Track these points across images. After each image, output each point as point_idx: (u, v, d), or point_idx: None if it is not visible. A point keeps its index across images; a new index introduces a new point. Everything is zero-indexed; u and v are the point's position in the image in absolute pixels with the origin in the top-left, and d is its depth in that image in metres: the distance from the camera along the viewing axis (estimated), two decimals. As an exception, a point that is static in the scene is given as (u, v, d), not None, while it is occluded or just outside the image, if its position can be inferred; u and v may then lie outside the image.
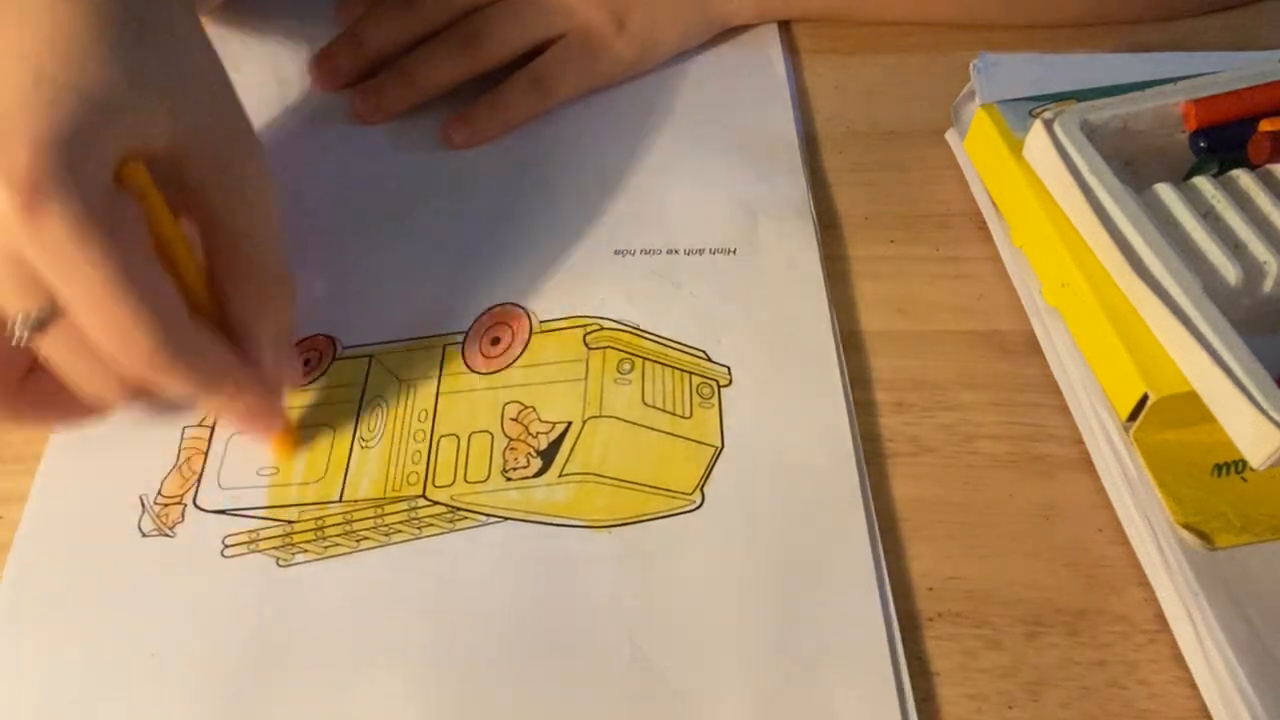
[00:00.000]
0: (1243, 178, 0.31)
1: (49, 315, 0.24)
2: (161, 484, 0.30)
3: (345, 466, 0.30)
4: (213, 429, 0.31)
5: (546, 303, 0.34)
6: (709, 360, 0.33)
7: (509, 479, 0.30)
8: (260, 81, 0.43)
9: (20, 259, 0.23)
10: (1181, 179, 0.32)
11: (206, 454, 0.31)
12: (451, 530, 0.29)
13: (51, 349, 0.25)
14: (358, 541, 0.29)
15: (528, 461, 0.30)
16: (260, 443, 0.31)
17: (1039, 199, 0.32)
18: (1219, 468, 0.28)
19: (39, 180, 0.22)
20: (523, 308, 0.34)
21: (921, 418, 0.31)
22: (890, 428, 0.31)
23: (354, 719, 0.26)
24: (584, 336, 0.33)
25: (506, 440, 0.31)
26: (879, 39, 0.44)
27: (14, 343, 0.24)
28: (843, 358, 0.32)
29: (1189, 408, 0.27)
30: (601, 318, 0.34)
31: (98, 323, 0.23)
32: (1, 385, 0.26)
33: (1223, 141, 0.33)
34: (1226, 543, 0.27)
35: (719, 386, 0.32)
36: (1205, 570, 0.26)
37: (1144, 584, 0.27)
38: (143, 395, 0.27)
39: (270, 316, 0.28)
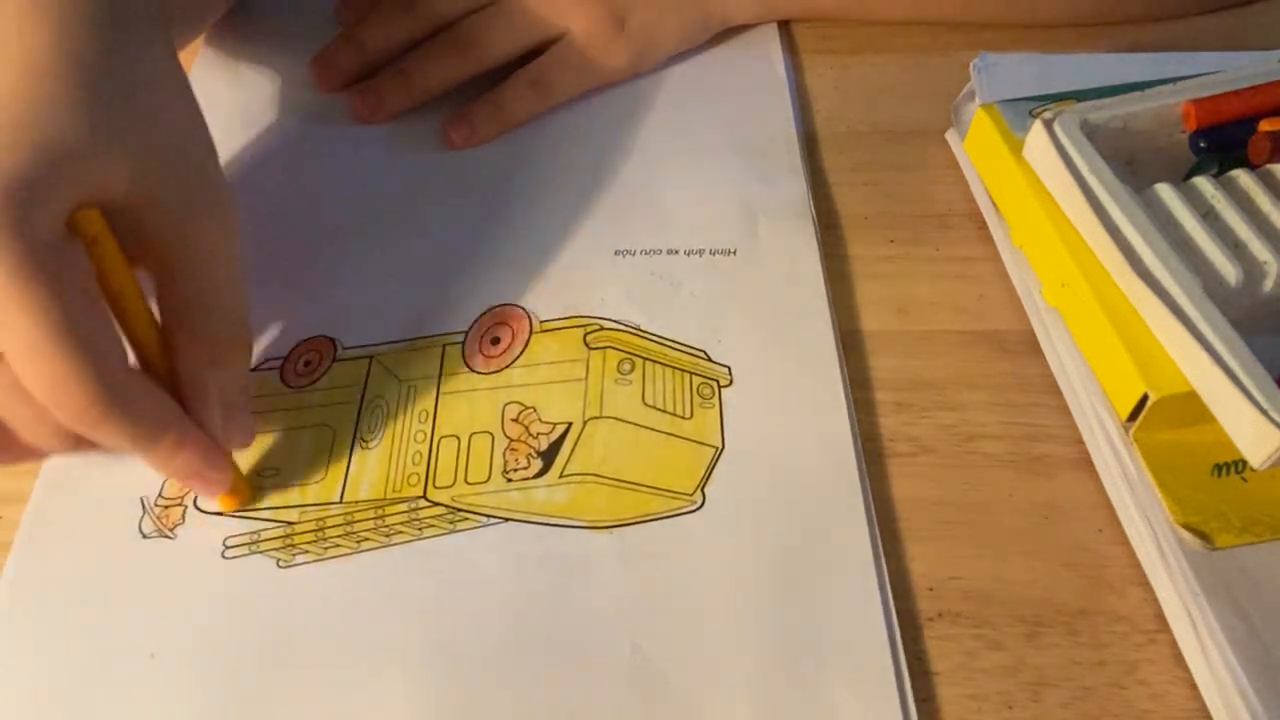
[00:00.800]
0: (1243, 178, 0.31)
1: None
2: (162, 486, 0.30)
3: (346, 467, 0.30)
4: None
5: (547, 303, 0.34)
6: (709, 360, 0.33)
7: (510, 480, 0.30)
8: (260, 82, 0.43)
9: None
10: (1181, 179, 0.32)
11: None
12: (452, 531, 0.29)
13: None
14: (358, 542, 0.29)
15: (528, 462, 0.30)
16: (206, 496, 0.30)
17: (1039, 199, 0.33)
18: (1219, 468, 0.28)
19: None
20: (523, 308, 0.34)
21: (921, 418, 0.31)
22: (890, 428, 0.31)
23: (354, 719, 0.26)
24: (584, 337, 0.33)
25: (507, 441, 0.31)
26: (879, 39, 0.44)
27: None
28: (843, 358, 0.32)
29: (1189, 408, 0.27)
30: (602, 318, 0.34)
31: (32, 374, 0.23)
32: None
33: (1223, 141, 0.33)
34: (1226, 543, 0.27)
35: (719, 387, 0.32)
36: (1205, 570, 0.26)
37: (1144, 584, 0.28)
38: (83, 446, 0.26)
39: (219, 374, 0.27)
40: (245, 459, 0.31)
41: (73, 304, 0.23)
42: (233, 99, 0.42)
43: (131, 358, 0.27)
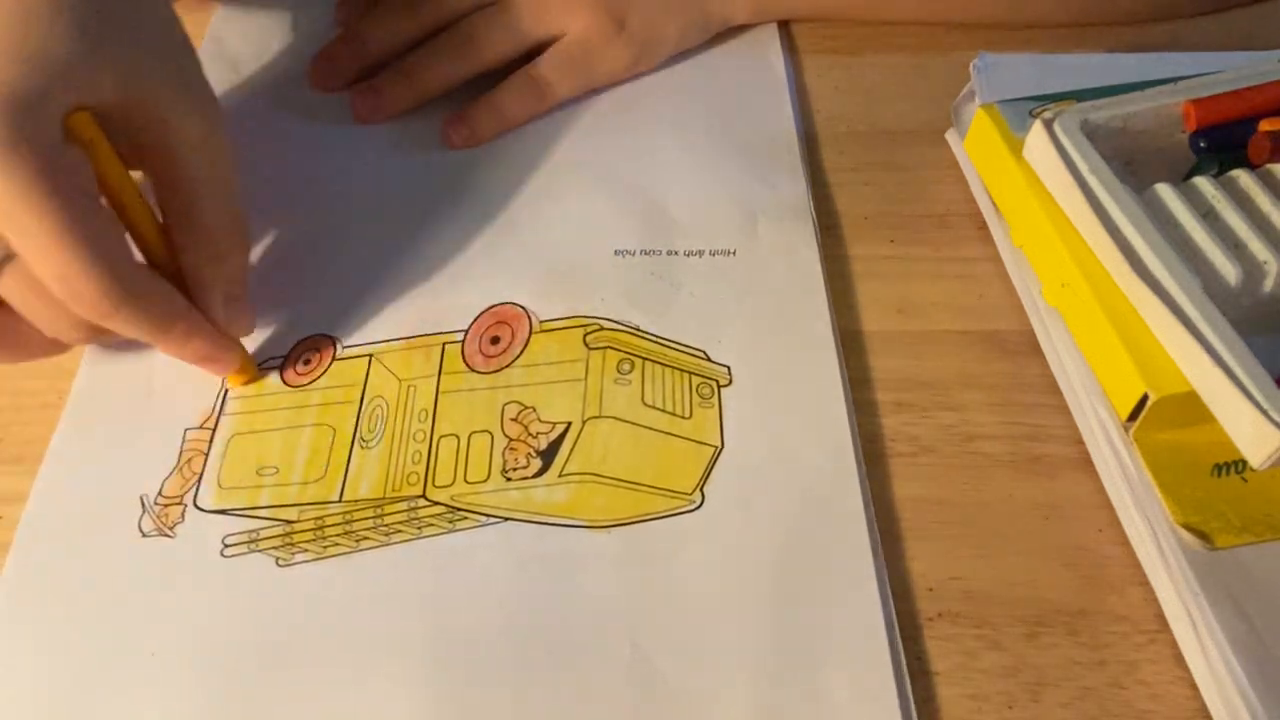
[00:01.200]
0: (1243, 178, 0.31)
1: (2, 260, 0.26)
2: (162, 484, 0.30)
3: (345, 466, 0.30)
4: (213, 430, 0.31)
5: (546, 302, 0.34)
6: (709, 360, 0.33)
7: (509, 479, 0.30)
8: (260, 81, 0.43)
9: None
10: (1181, 179, 0.32)
11: (207, 455, 0.31)
12: (451, 530, 0.29)
13: (9, 291, 0.27)
14: (358, 541, 0.29)
15: (528, 461, 0.30)
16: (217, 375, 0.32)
17: (1039, 199, 0.32)
18: (1219, 468, 0.28)
19: None
20: (523, 307, 0.34)
21: (921, 418, 0.31)
22: (890, 428, 0.31)
23: (354, 718, 0.26)
24: (584, 336, 0.33)
25: (506, 440, 0.31)
26: (879, 39, 0.44)
27: None
28: (843, 358, 0.32)
29: (1189, 408, 0.27)
30: (601, 318, 0.34)
31: (46, 270, 0.25)
32: None
33: (1223, 141, 0.33)
34: (1226, 543, 0.27)
35: (719, 386, 0.32)
36: (1205, 570, 0.26)
37: (1144, 584, 0.27)
38: (100, 335, 0.28)
39: (220, 267, 0.30)
40: (245, 458, 0.31)
41: (78, 203, 0.25)
42: (232, 98, 0.42)
43: (137, 255, 0.29)
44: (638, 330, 0.33)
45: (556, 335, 0.33)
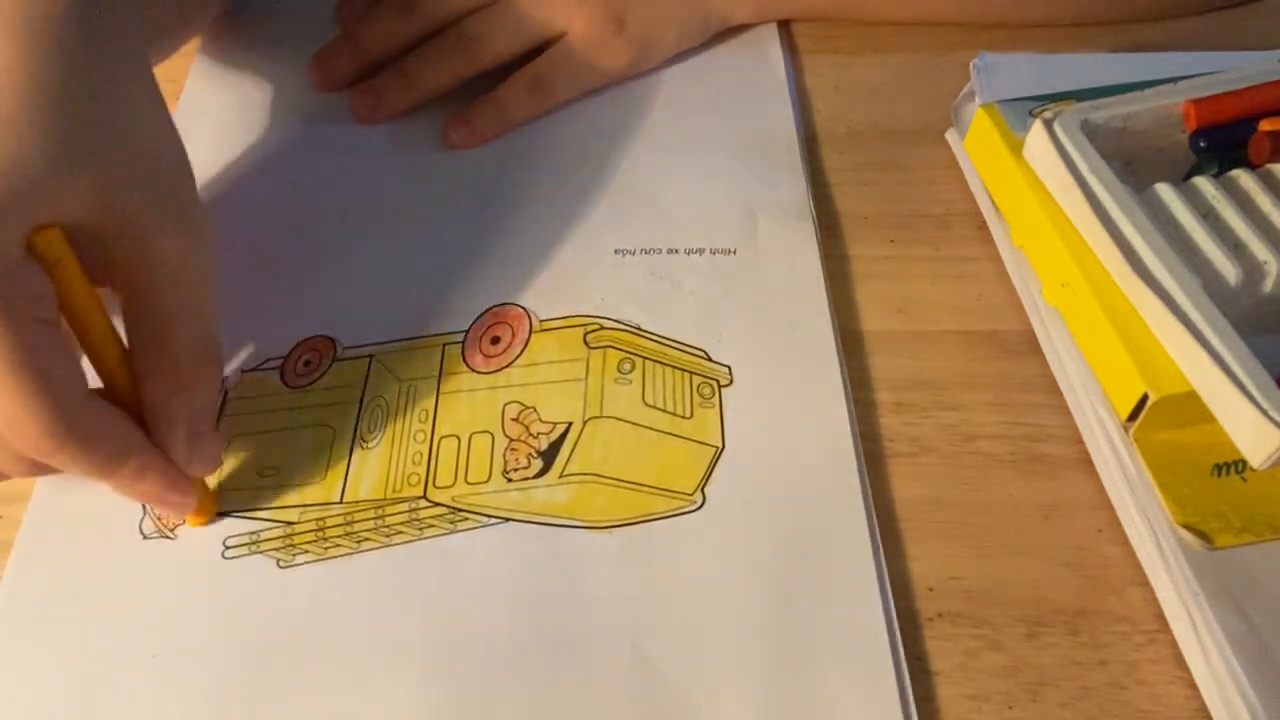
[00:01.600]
0: (1243, 178, 0.31)
1: None
2: (162, 485, 0.30)
3: (346, 467, 0.30)
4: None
5: (547, 302, 0.34)
6: (709, 360, 0.33)
7: (510, 480, 0.30)
8: (260, 82, 0.43)
9: None
10: (1181, 179, 0.32)
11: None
12: (452, 531, 0.29)
13: None
14: (358, 542, 0.29)
15: (528, 462, 0.30)
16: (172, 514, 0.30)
17: (1039, 199, 0.33)
18: (1219, 468, 0.28)
19: None
20: (523, 307, 0.34)
21: (921, 418, 0.31)
22: (890, 428, 0.31)
23: (355, 719, 0.26)
24: (584, 336, 0.33)
25: (507, 441, 0.31)
26: (879, 39, 0.44)
27: None
28: (843, 358, 0.32)
29: (1189, 408, 0.27)
30: (602, 317, 0.34)
31: None
32: None
33: (1223, 141, 0.33)
34: (1226, 543, 0.27)
35: (719, 386, 0.32)
36: (1205, 570, 0.26)
37: (1144, 584, 0.28)
38: (44, 469, 0.26)
39: (187, 400, 0.27)
40: (246, 459, 0.31)
41: (28, 333, 0.23)
42: (232, 99, 0.42)
43: (96, 381, 0.26)
44: (638, 330, 0.33)
45: (557, 335, 0.33)
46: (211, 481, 0.30)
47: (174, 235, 0.26)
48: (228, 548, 0.29)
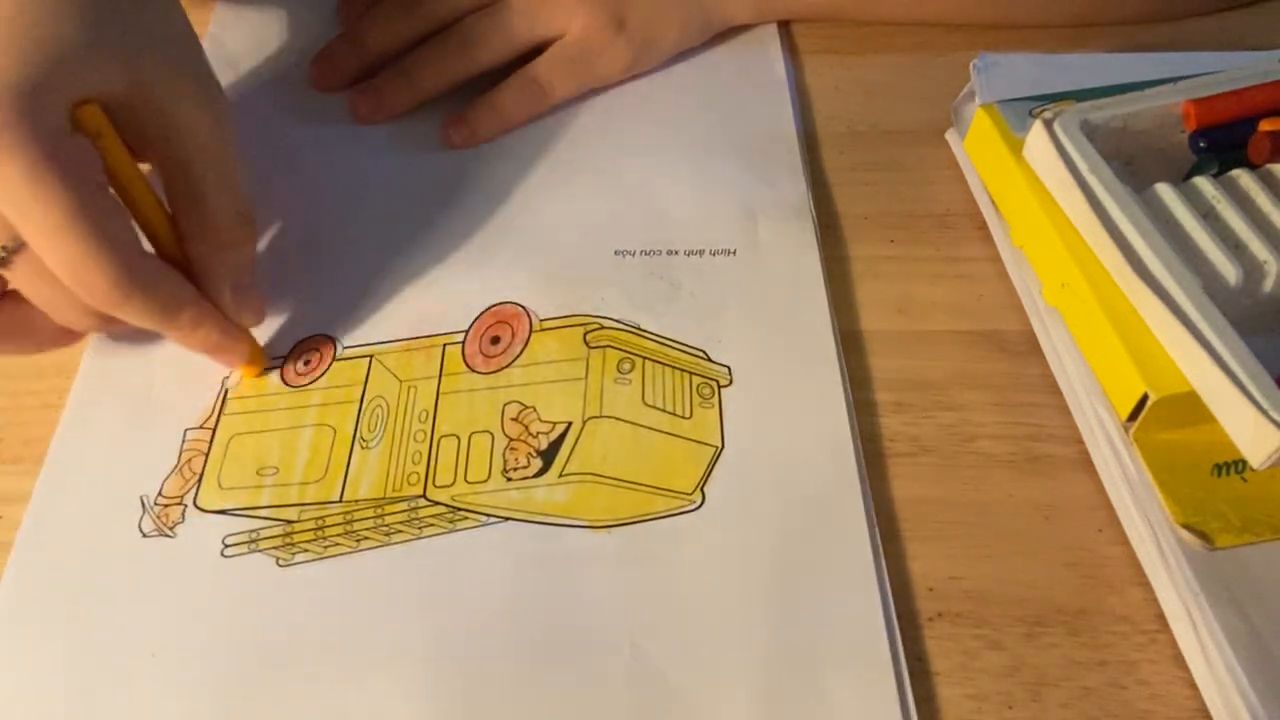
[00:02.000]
0: (1243, 178, 0.31)
1: (13, 250, 0.26)
2: (162, 485, 0.30)
3: (345, 466, 0.30)
4: (214, 430, 0.31)
5: (546, 302, 0.34)
6: (709, 360, 0.33)
7: (509, 479, 0.30)
8: (260, 81, 0.43)
9: None
10: (1181, 179, 0.32)
11: (207, 455, 0.31)
12: (452, 530, 0.29)
13: (18, 280, 0.27)
14: (358, 541, 0.29)
15: (528, 461, 0.30)
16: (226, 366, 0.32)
17: (1039, 199, 0.33)
18: (1219, 468, 0.28)
19: None
20: (523, 307, 0.34)
21: (921, 418, 0.31)
22: (890, 428, 0.31)
23: (354, 718, 0.26)
24: (584, 336, 0.33)
25: (507, 440, 0.31)
26: (879, 39, 0.44)
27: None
28: (843, 358, 0.32)
29: (1189, 408, 0.27)
30: (602, 317, 0.34)
31: (56, 259, 0.25)
32: None
33: (1223, 141, 0.33)
34: (1226, 543, 0.27)
35: (719, 386, 0.32)
36: (1205, 570, 0.26)
37: (1144, 584, 0.28)
38: (110, 324, 0.28)
39: (228, 256, 0.30)
40: (245, 459, 0.31)
41: (86, 192, 0.25)
42: (232, 98, 0.42)
43: (146, 245, 0.29)
44: (638, 330, 0.33)
45: (557, 335, 0.33)
46: (259, 338, 0.33)
47: (199, 106, 0.29)
48: (227, 546, 0.29)
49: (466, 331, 0.34)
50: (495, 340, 0.33)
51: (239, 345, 0.31)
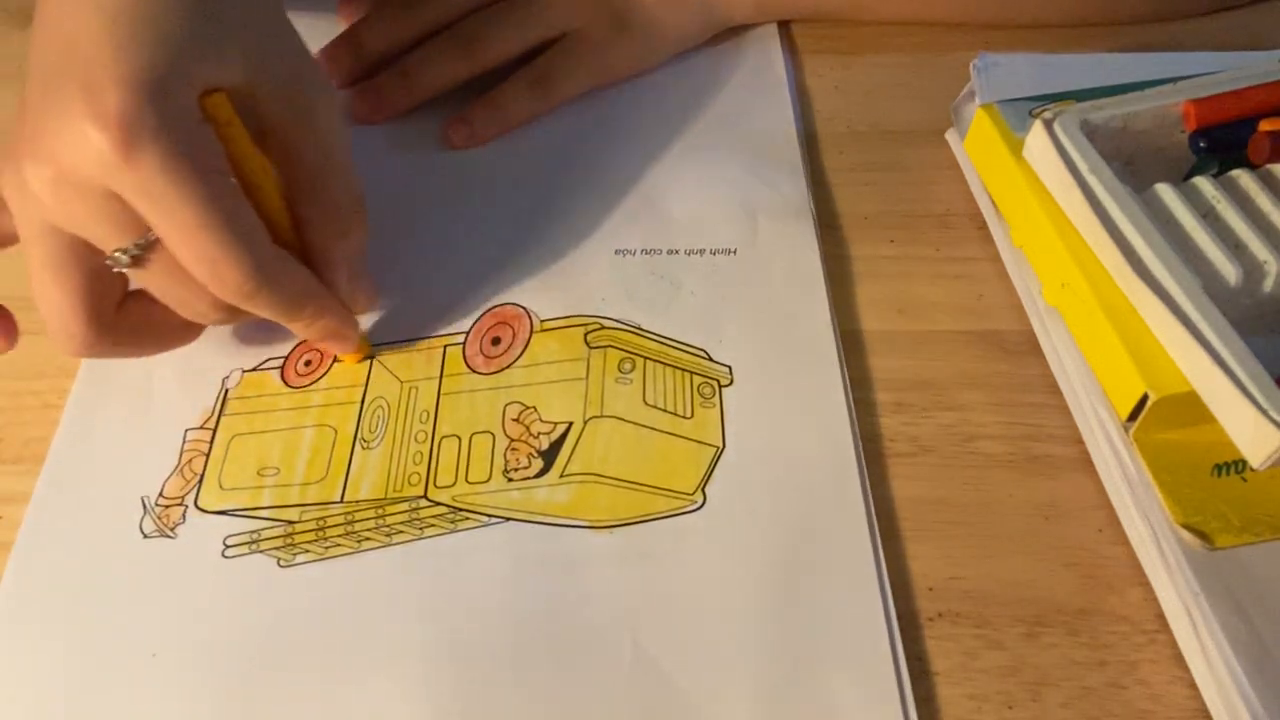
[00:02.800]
0: (1243, 178, 0.31)
1: (146, 247, 0.26)
2: (163, 485, 0.30)
3: (346, 467, 0.30)
4: (214, 430, 0.32)
5: (547, 302, 0.34)
6: (710, 360, 0.33)
7: (510, 479, 0.30)
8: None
9: (114, 195, 0.24)
10: (1181, 179, 0.33)
11: (208, 456, 0.31)
12: (453, 531, 0.29)
13: (148, 277, 0.27)
14: (359, 542, 0.29)
15: (529, 462, 0.30)
16: (338, 354, 0.33)
17: (1039, 199, 0.33)
18: (1219, 468, 0.28)
19: (131, 120, 0.23)
20: (523, 307, 0.34)
21: (921, 418, 0.31)
22: (890, 428, 0.31)
23: (355, 719, 0.26)
24: (585, 336, 0.33)
25: (508, 440, 0.31)
26: (879, 39, 0.44)
27: (114, 271, 0.26)
28: (843, 358, 0.32)
29: (1189, 408, 0.27)
30: (602, 317, 0.34)
31: (189, 254, 0.25)
32: (101, 316, 0.27)
33: (1223, 141, 0.33)
34: (1226, 543, 0.27)
35: (720, 386, 0.32)
36: (1205, 570, 0.26)
37: (1144, 584, 0.28)
38: (236, 316, 0.29)
39: (346, 243, 0.30)
40: (246, 459, 0.31)
41: (218, 184, 0.25)
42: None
43: None
44: (639, 329, 0.33)
45: (557, 335, 0.33)
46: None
47: (316, 94, 0.29)
48: (228, 547, 0.29)
49: (467, 332, 0.34)
50: (496, 341, 0.33)
51: (354, 331, 0.31)
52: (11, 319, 0.30)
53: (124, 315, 0.29)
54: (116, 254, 0.26)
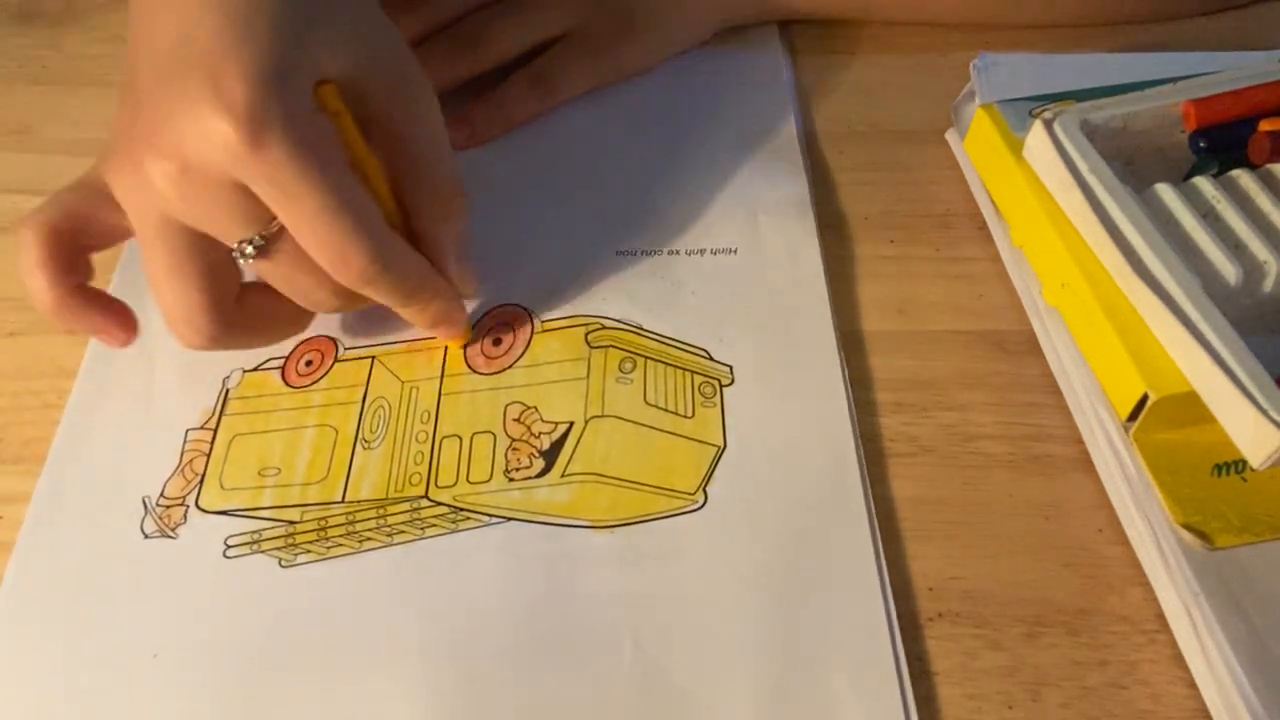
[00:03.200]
0: (1243, 178, 0.31)
1: (270, 238, 0.26)
2: (164, 485, 0.30)
3: (347, 467, 0.30)
4: (215, 431, 0.32)
5: (548, 303, 0.34)
6: (711, 359, 0.33)
7: (511, 479, 0.30)
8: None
9: (241, 187, 0.25)
10: (1181, 179, 0.33)
11: (209, 456, 0.31)
12: (454, 531, 0.29)
13: (271, 268, 0.27)
14: (360, 542, 0.29)
15: (530, 462, 0.30)
16: (444, 341, 0.33)
17: (1039, 199, 0.33)
18: (1219, 468, 0.28)
19: (257, 111, 0.23)
20: (524, 308, 0.34)
21: (921, 418, 0.31)
22: (890, 428, 0.31)
23: (356, 719, 0.26)
24: (586, 336, 0.33)
25: (509, 441, 0.31)
26: (879, 39, 0.44)
27: (239, 263, 0.27)
28: (843, 358, 0.32)
29: (1189, 408, 0.27)
30: (603, 317, 0.34)
31: (315, 241, 0.26)
32: (222, 307, 0.28)
33: (1223, 141, 0.33)
34: (1226, 543, 0.27)
35: (721, 386, 0.32)
36: (1205, 570, 0.26)
37: (1144, 584, 0.28)
38: (352, 304, 0.29)
39: (452, 227, 0.30)
40: (247, 459, 0.31)
41: (339, 171, 0.26)
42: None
43: None
44: (640, 329, 0.33)
45: (558, 335, 0.33)
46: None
47: (417, 85, 0.29)
48: (229, 547, 0.29)
49: (468, 332, 0.34)
50: (497, 341, 0.33)
51: (462, 316, 0.32)
52: (130, 314, 0.30)
53: (242, 307, 0.29)
54: (243, 245, 0.26)
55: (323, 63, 0.26)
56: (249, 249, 0.26)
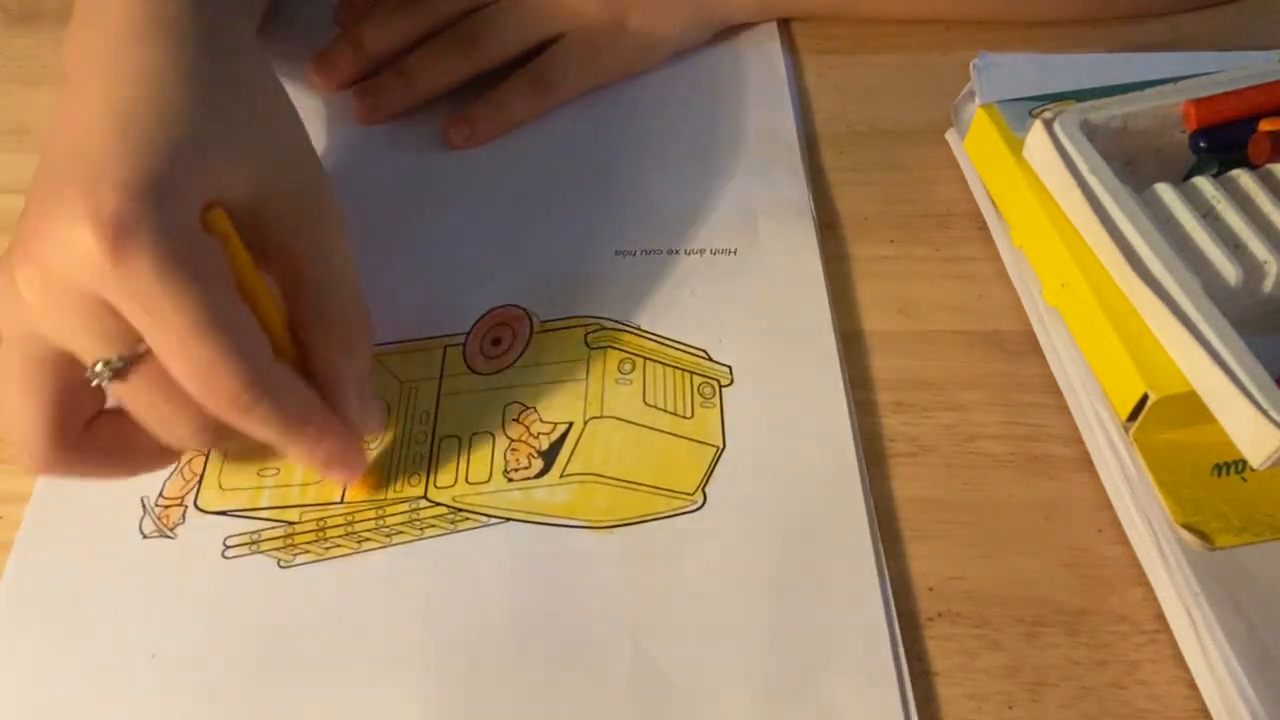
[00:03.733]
0: (1243, 178, 0.31)
1: (131, 359, 0.24)
2: (163, 486, 0.30)
3: (346, 467, 0.30)
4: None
5: (547, 303, 0.34)
6: (710, 360, 0.33)
7: (510, 480, 0.30)
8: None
9: (103, 303, 0.23)
10: (1181, 179, 0.33)
11: (207, 456, 0.31)
12: (453, 531, 0.29)
13: (131, 394, 0.25)
14: (359, 542, 0.29)
15: (529, 462, 0.30)
16: (339, 485, 0.30)
17: (1039, 199, 0.33)
18: (1219, 468, 0.28)
19: (126, 222, 0.22)
20: (523, 308, 0.34)
21: (921, 418, 0.31)
22: (890, 428, 0.31)
23: (355, 719, 0.26)
24: (585, 336, 0.33)
25: (508, 441, 0.31)
26: (879, 39, 0.44)
27: (93, 385, 0.24)
28: (843, 358, 0.32)
29: (1189, 408, 0.27)
30: (602, 318, 0.34)
31: (183, 364, 0.23)
32: (65, 434, 0.25)
33: (1223, 141, 0.33)
34: (1226, 543, 0.27)
35: (720, 386, 0.32)
36: (1205, 570, 0.26)
37: (1144, 584, 0.28)
38: (220, 439, 0.26)
39: (352, 360, 0.28)
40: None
41: (218, 292, 0.24)
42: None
43: None
44: (639, 330, 0.33)
45: (557, 335, 0.33)
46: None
47: (322, 208, 0.28)
48: (228, 547, 0.29)
49: (467, 333, 0.34)
50: (496, 341, 0.33)
51: (359, 458, 0.29)
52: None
53: (91, 435, 0.26)
54: (98, 366, 0.24)
55: (217, 182, 0.25)
56: (105, 370, 0.24)
